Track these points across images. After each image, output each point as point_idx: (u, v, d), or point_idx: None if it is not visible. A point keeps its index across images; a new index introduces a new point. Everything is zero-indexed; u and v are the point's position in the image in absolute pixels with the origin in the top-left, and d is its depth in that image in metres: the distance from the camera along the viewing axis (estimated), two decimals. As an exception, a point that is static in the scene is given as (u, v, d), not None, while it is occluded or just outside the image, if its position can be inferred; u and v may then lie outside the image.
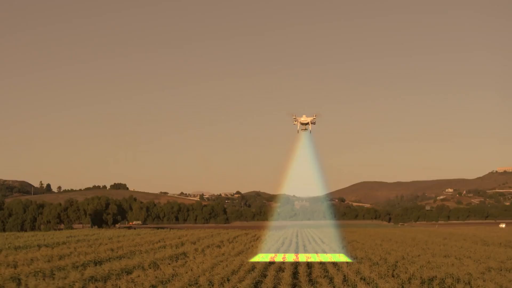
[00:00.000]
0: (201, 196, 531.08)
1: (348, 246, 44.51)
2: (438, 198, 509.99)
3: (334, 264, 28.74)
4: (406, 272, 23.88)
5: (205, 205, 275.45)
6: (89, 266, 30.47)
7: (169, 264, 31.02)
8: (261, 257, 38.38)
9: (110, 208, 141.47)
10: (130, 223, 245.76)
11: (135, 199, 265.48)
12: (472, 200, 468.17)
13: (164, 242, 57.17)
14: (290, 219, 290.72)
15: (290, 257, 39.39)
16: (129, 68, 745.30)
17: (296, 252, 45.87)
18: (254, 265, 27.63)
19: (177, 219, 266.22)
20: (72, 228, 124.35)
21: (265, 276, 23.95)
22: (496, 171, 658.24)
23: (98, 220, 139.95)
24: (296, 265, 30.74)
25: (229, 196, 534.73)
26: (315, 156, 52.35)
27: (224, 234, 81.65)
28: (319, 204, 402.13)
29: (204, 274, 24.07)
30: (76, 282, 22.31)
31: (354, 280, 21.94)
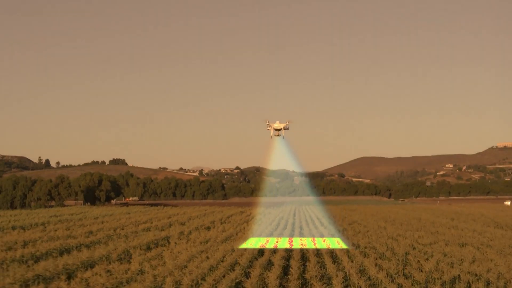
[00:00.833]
0: (200, 171, 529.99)
1: (349, 229, 40.24)
2: (438, 173, 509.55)
3: (334, 257, 24.46)
4: (421, 270, 19.80)
5: (203, 181, 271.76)
6: (47, 258, 26.43)
7: (143, 254, 26.85)
8: (251, 243, 34.46)
9: (103, 185, 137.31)
10: (127, 199, 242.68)
11: (131, 175, 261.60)
12: (472, 175, 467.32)
13: (151, 223, 53.03)
14: (289, 195, 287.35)
15: (284, 243, 35.38)
16: (128, 44, 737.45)
17: (291, 235, 41.96)
18: (238, 258, 23.35)
19: (174, 195, 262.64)
20: (63, 206, 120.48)
21: (248, 275, 19.73)
22: (496, 147, 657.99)
23: (91, 197, 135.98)
24: (288, 257, 26.54)
25: (229, 171, 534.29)
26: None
27: (218, 213, 77.64)
28: (318, 179, 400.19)
29: (175, 272, 19.95)
30: (13, 283, 18.15)
31: (358, 283, 17.74)
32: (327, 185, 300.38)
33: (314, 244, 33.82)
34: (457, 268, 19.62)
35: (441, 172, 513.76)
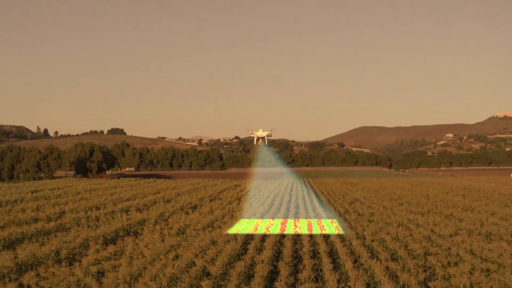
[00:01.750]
0: (199, 141, 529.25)
1: (350, 211, 35.39)
2: (438, 143, 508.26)
3: (334, 257, 19.61)
4: (446, 279, 15.11)
5: (200, 151, 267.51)
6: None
7: (102, 249, 22.06)
8: (239, 228, 29.93)
9: (94, 156, 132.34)
10: (123, 170, 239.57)
11: (127, 145, 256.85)
12: (473, 145, 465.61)
13: (134, 200, 48.24)
14: (288, 166, 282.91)
15: (276, 228, 30.83)
16: (128, 15, 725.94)
17: (286, 217, 37.41)
18: (215, 257, 18.53)
19: (171, 165, 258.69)
20: (52, 178, 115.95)
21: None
22: (497, 116, 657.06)
23: (82, 168, 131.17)
24: (279, 249, 21.75)
25: (228, 141, 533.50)
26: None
27: (210, 187, 72.96)
28: (318, 149, 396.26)
29: (130, 279, 15.25)
30: None
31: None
32: (326, 155, 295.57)
33: (310, 230, 29.29)
34: (498, 280, 14.75)
35: (442, 142, 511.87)
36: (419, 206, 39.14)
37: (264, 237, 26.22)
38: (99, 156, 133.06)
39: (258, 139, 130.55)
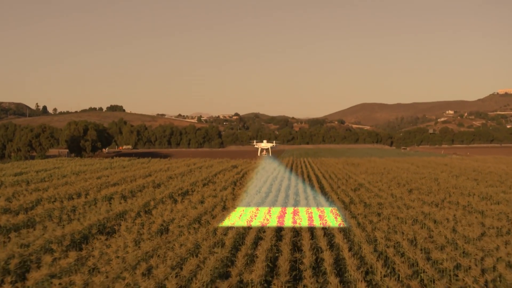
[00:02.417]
0: (199, 118, 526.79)
1: (356, 200, 31.68)
2: (439, 120, 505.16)
3: (342, 271, 16.00)
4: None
5: (198, 129, 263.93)
6: None
7: (63, 256, 18.46)
8: (231, 221, 26.49)
9: (88, 134, 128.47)
10: (120, 148, 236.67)
11: (125, 123, 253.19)
12: (474, 122, 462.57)
13: (121, 185, 44.50)
14: (287, 143, 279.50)
15: (274, 220, 27.33)
16: None
17: (285, 204, 33.92)
18: (196, 270, 14.94)
19: (169, 143, 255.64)
20: (45, 157, 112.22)
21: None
22: (497, 93, 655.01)
23: (76, 147, 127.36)
24: (275, 257, 18.13)
25: (227, 118, 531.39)
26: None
27: (206, 168, 69.30)
28: (318, 126, 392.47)
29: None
30: None
31: None
32: (327, 132, 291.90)
33: (311, 220, 26.03)
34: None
35: (442, 119, 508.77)
36: (430, 194, 35.48)
37: (258, 234, 22.78)
38: (93, 135, 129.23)
39: (262, 150, 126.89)
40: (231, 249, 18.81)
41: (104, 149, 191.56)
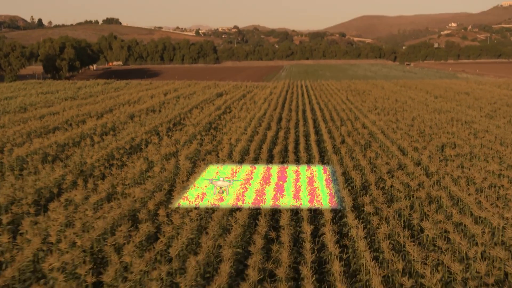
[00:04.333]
0: (197, 31, 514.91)
1: (371, 180, 20.58)
2: (442, 33, 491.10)
3: None
4: None
5: (193, 43, 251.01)
6: None
7: None
8: (192, 199, 17.45)
9: (65, 53, 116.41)
10: (110, 64, 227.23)
11: (115, 37, 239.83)
12: (478, 35, 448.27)
13: (51, 135, 33.56)
14: (286, 58, 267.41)
15: (251, 196, 18.24)
16: None
17: (269, 161, 24.34)
18: None
19: (162, 59, 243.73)
20: (15, 78, 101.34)
21: None
22: (501, 5, 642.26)
23: (51, 67, 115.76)
24: None
25: (226, 31, 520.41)
26: None
27: (184, 99, 58.62)
28: (318, 39, 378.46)
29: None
30: None
31: None
32: (327, 48, 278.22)
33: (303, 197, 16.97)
34: None
35: (445, 32, 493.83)
36: (474, 157, 25.17)
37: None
38: (71, 53, 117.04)
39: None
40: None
41: (91, 66, 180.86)
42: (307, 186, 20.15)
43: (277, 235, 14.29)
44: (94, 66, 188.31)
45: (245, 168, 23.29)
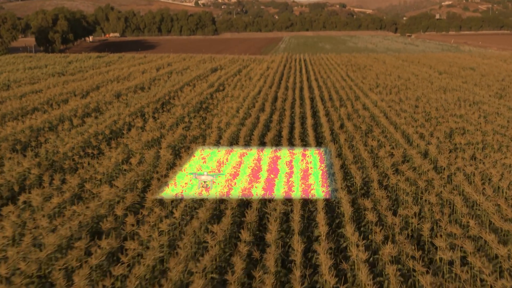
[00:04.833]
0: (196, 1, 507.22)
1: (374, 177, 18.17)
2: (443, 3, 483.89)
3: None
4: None
5: (191, 15, 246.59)
6: None
7: None
8: (177, 189, 15.49)
9: (58, 25, 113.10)
10: (107, 35, 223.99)
11: (112, 8, 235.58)
12: (479, 6, 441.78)
13: (30, 117, 31.25)
14: (286, 30, 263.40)
15: (236, 194, 16.17)
16: None
17: (261, 144, 22.27)
18: None
19: (159, 30, 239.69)
20: (6, 51, 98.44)
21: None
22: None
23: (44, 40, 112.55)
24: None
25: (226, 1, 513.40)
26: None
27: (176, 74, 55.95)
28: (318, 10, 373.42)
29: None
30: None
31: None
32: (327, 19, 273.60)
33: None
34: None
35: (447, 2, 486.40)
36: (487, 146, 22.81)
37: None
38: (64, 25, 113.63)
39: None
40: None
41: (87, 38, 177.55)
42: (300, 180, 18.05)
43: (261, 255, 11.95)
44: (90, 38, 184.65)
45: (233, 158, 21.06)
